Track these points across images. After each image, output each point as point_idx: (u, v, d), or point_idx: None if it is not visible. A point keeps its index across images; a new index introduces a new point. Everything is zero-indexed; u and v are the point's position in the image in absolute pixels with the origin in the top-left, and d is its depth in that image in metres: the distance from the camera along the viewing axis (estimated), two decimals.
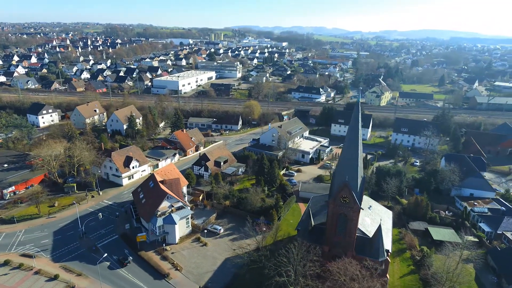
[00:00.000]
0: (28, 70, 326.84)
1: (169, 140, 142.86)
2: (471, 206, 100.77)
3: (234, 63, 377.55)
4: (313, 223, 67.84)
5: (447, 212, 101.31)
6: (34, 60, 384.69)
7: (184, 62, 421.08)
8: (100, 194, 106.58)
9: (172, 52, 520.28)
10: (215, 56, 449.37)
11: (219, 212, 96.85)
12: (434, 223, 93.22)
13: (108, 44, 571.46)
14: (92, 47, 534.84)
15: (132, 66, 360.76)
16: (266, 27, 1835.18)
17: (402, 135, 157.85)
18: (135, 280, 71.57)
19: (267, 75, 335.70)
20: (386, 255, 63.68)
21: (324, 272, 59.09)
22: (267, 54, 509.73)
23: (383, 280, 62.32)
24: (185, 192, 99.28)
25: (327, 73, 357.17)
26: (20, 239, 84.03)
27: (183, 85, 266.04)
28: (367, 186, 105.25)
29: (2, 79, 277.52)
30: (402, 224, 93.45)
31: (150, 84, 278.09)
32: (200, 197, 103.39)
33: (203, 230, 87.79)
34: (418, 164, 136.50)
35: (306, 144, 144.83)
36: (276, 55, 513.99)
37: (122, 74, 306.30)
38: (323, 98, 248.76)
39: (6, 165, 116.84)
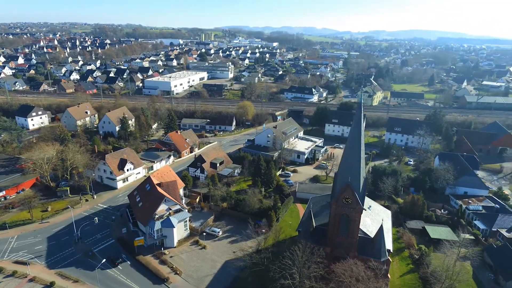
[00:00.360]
0: (15, 71, 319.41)
1: (163, 141, 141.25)
2: (465, 204, 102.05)
3: (225, 63, 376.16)
4: (314, 224, 67.62)
5: (442, 210, 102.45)
6: (21, 61, 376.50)
7: (175, 63, 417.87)
8: (95, 197, 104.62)
9: (163, 53, 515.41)
10: (206, 56, 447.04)
11: (217, 214, 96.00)
12: (430, 222, 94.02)
13: (97, 45, 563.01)
14: (81, 47, 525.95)
15: (123, 67, 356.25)
16: (256, 27, 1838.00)
17: (396, 135, 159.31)
18: (134, 285, 70.27)
19: (259, 75, 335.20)
20: (387, 255, 63.86)
21: (328, 274, 58.93)
22: (258, 55, 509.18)
23: (385, 280, 62.44)
24: (181, 194, 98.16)
25: (318, 73, 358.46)
26: (13, 246, 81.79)
27: (175, 85, 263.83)
28: None
29: None
30: (399, 223, 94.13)
31: (142, 85, 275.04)
32: (197, 199, 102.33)
33: (201, 233, 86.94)
34: (412, 163, 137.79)
35: (301, 145, 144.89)
36: (267, 55, 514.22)
37: (113, 75, 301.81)
38: (315, 98, 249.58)
39: None
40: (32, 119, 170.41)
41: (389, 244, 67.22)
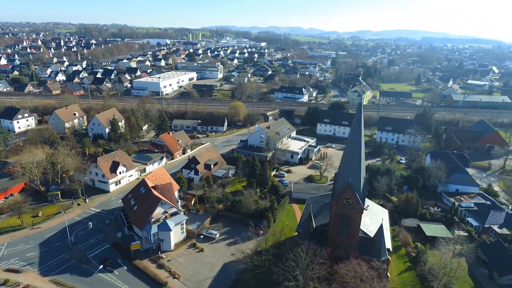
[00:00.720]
0: None
1: (155, 143, 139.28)
2: (458, 202, 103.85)
3: (214, 63, 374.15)
4: (314, 224, 67.57)
5: (435, 208, 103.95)
6: (3, 61, 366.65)
7: (163, 63, 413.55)
8: (87, 201, 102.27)
9: (150, 53, 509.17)
10: (195, 56, 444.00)
11: (213, 216, 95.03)
12: (424, 220, 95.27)
13: (83, 45, 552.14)
14: (65, 47, 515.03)
15: (110, 67, 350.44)
16: (243, 27, 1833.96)
17: (387, 134, 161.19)
18: None
19: (248, 75, 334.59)
20: (387, 254, 64.30)
21: (331, 275, 58.94)
22: (247, 54, 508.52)
23: (386, 279, 62.85)
24: (176, 197, 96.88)
25: (307, 73, 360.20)
26: (3, 253, 79.16)
27: (165, 86, 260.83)
28: None
29: None
30: (395, 221, 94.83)
31: (130, 85, 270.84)
32: (192, 201, 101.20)
33: (198, 236, 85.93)
34: (403, 161, 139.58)
35: (295, 145, 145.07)
36: (256, 55, 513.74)
37: (100, 75, 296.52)
38: (305, 98, 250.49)
39: None
40: (18, 122, 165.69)
41: (388, 243, 67.71)
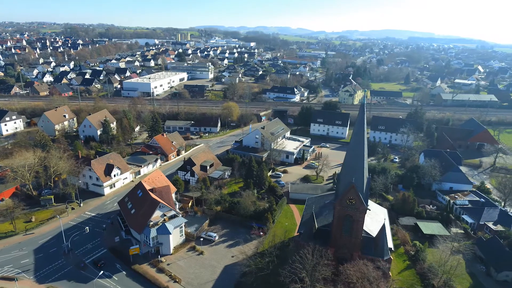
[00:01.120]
0: None
1: (149, 145, 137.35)
2: (452, 199, 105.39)
3: (205, 63, 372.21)
4: (316, 225, 67.48)
5: (431, 206, 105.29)
6: None
7: (152, 63, 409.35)
8: (81, 205, 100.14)
9: (139, 53, 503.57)
10: (185, 56, 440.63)
11: (211, 218, 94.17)
12: (421, 218, 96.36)
13: (69, 45, 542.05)
14: (51, 48, 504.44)
15: (98, 68, 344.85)
16: (231, 27, 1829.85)
17: (380, 133, 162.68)
18: None
19: (239, 75, 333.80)
20: (389, 253, 64.67)
21: (335, 275, 58.91)
22: (237, 55, 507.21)
23: (390, 279, 63.19)
24: (174, 199, 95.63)
25: (298, 72, 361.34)
26: None
27: (155, 87, 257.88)
28: None
29: None
30: (392, 220, 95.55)
31: (120, 86, 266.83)
32: (189, 203, 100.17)
33: (197, 238, 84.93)
34: (397, 160, 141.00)
35: (290, 145, 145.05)
36: (246, 55, 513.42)
37: (88, 76, 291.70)
38: (297, 98, 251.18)
39: None
40: (5, 124, 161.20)
41: (390, 242, 68.12)
